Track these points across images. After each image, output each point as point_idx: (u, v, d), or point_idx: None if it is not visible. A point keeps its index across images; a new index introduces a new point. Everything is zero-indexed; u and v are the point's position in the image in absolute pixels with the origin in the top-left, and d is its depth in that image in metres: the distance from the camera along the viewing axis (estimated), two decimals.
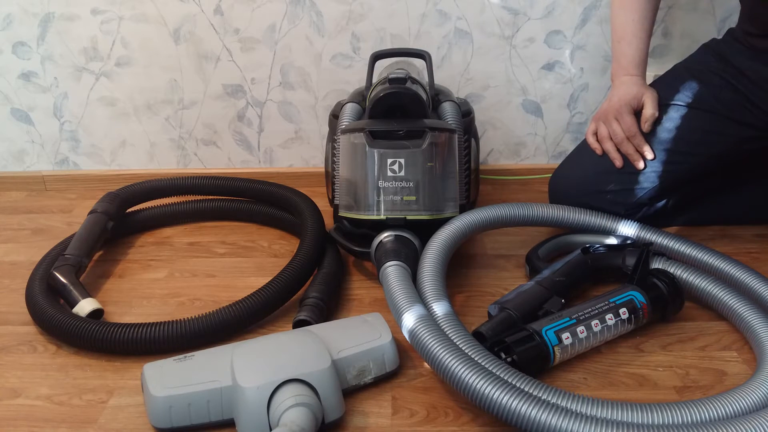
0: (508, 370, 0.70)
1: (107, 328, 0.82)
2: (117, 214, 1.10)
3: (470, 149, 1.06)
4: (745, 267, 0.89)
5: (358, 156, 0.94)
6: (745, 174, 1.11)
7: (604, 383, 0.78)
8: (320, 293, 0.89)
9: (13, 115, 1.34)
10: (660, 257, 0.93)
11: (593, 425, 0.62)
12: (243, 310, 0.85)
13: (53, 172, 1.39)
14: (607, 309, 0.81)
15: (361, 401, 0.75)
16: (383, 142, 0.93)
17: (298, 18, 1.23)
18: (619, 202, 1.01)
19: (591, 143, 1.05)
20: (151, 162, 1.37)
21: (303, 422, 0.64)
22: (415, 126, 0.93)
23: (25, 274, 0.97)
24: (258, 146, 1.35)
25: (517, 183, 1.36)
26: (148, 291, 0.99)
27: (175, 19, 1.24)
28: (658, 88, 1.04)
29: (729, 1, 1.21)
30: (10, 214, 1.28)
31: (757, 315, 0.82)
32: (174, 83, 1.29)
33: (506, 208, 0.97)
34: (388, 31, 1.24)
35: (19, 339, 0.88)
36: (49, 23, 1.25)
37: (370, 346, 0.77)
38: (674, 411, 0.66)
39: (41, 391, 0.78)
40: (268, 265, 1.06)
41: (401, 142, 0.92)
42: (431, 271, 0.84)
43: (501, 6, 1.22)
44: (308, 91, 1.29)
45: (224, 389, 0.70)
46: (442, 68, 1.27)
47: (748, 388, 0.70)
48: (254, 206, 1.18)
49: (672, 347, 0.84)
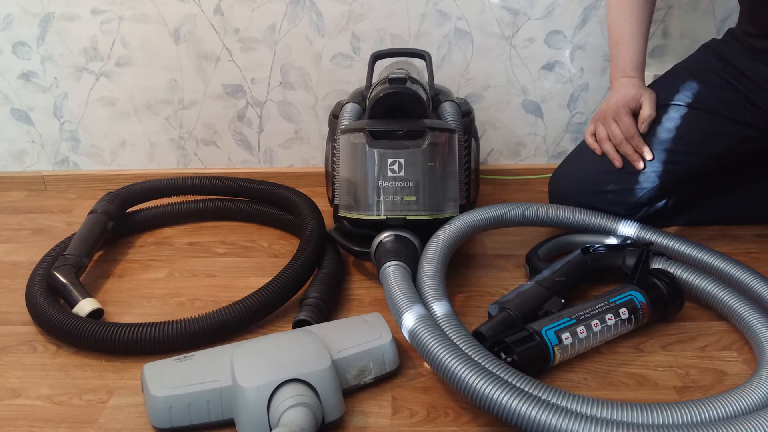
0: (508, 370, 0.70)
1: (107, 328, 0.82)
2: (117, 214, 1.10)
3: (470, 149, 1.06)
4: (745, 267, 0.89)
5: (358, 156, 0.94)
6: (745, 174, 1.11)
7: (604, 383, 0.78)
8: (320, 293, 0.89)
9: (13, 115, 1.34)
10: (660, 257, 0.93)
11: (593, 425, 0.62)
12: (243, 310, 0.85)
13: (53, 172, 1.39)
14: (607, 309, 0.81)
15: (361, 401, 0.75)
16: (383, 142, 0.93)
17: (298, 18, 1.23)
18: (619, 202, 1.01)
19: (590, 144, 1.05)
20: (151, 162, 1.37)
21: (303, 422, 0.64)
22: (415, 126, 0.93)
23: (25, 274, 0.97)
24: (258, 146, 1.35)
25: (517, 183, 1.35)
26: (148, 291, 0.99)
27: (175, 19, 1.24)
28: (657, 89, 1.04)
29: (729, 1, 1.21)
30: (10, 214, 1.28)
31: (757, 315, 0.82)
32: (174, 83, 1.29)
33: (506, 208, 0.97)
34: (388, 31, 1.24)
35: (19, 339, 0.88)
36: (49, 23, 1.25)
37: (370, 346, 0.77)
38: (674, 411, 0.66)
39: (41, 391, 0.78)
40: (268, 265, 1.06)
41: (401, 142, 0.92)
42: (431, 271, 0.84)
43: (501, 6, 1.22)
44: (308, 91, 1.29)
45: (224, 389, 0.70)
46: (442, 68, 1.27)
47: (748, 388, 0.70)
48: (254, 206, 1.18)
49: (672, 347, 0.84)
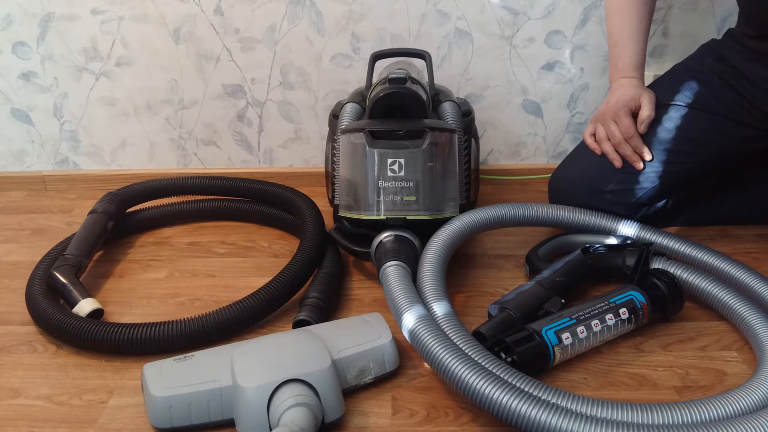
0: (508, 370, 0.70)
1: (107, 328, 0.82)
2: (117, 214, 1.10)
3: (470, 149, 1.06)
4: (745, 267, 0.89)
5: (358, 156, 0.94)
6: (745, 174, 1.11)
7: (604, 383, 0.78)
8: (320, 293, 0.89)
9: (13, 115, 1.34)
10: (660, 257, 0.93)
11: (593, 425, 0.62)
12: (243, 310, 0.85)
13: (53, 172, 1.39)
14: (607, 309, 0.81)
15: (361, 401, 0.75)
16: (383, 142, 0.93)
17: (298, 18, 1.23)
18: (619, 202, 1.01)
19: (589, 144, 1.05)
20: (151, 162, 1.37)
21: (303, 422, 0.64)
22: (415, 126, 0.93)
23: (25, 274, 0.97)
24: (258, 146, 1.35)
25: (517, 183, 1.35)
26: (148, 291, 0.99)
27: (175, 19, 1.24)
28: (657, 89, 1.04)
29: (729, 1, 1.21)
30: (10, 214, 1.28)
31: (757, 315, 0.82)
32: (174, 83, 1.29)
33: (506, 208, 0.97)
34: (388, 31, 1.24)
35: (19, 339, 0.88)
36: (49, 23, 1.25)
37: (370, 346, 0.77)
38: (674, 411, 0.66)
39: (41, 391, 0.78)
40: (268, 265, 1.06)
41: (401, 142, 0.92)
42: (431, 271, 0.84)
43: (501, 6, 1.22)
44: (308, 91, 1.29)
45: (224, 389, 0.70)
46: (442, 68, 1.27)
47: (748, 388, 0.70)
48: (254, 206, 1.18)
49: (672, 347, 0.84)
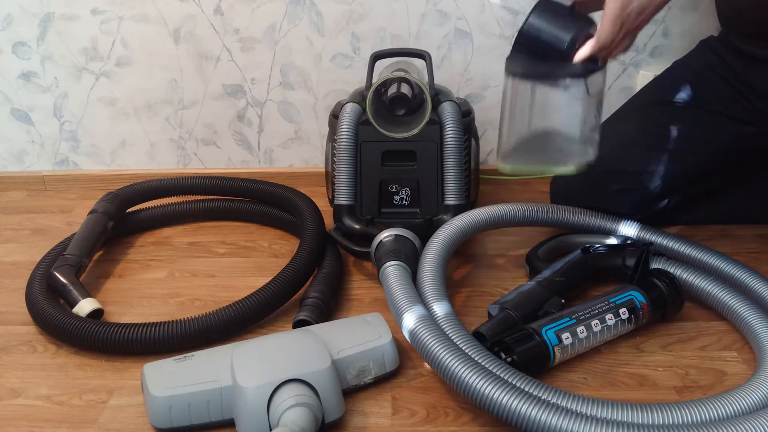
0: (508, 370, 0.70)
1: (107, 328, 0.82)
2: (117, 214, 1.10)
3: (470, 149, 1.06)
4: (745, 267, 0.89)
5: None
6: (746, 174, 1.11)
7: (604, 383, 0.78)
8: (320, 293, 0.88)
9: (13, 115, 1.34)
10: (660, 257, 0.93)
11: (593, 425, 0.62)
12: (243, 310, 0.85)
13: (53, 172, 1.39)
14: (607, 309, 0.81)
15: (361, 401, 0.75)
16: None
17: (298, 18, 1.23)
18: (621, 202, 1.01)
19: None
20: (151, 162, 1.37)
21: (303, 422, 0.64)
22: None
23: (25, 274, 0.97)
24: (258, 146, 1.35)
25: (517, 183, 1.35)
26: (148, 291, 0.99)
27: (175, 19, 1.24)
28: (657, 87, 1.04)
29: None
30: (10, 214, 1.28)
31: (757, 315, 0.82)
32: (174, 83, 1.29)
33: (506, 208, 0.97)
34: (388, 31, 1.24)
35: (19, 339, 0.88)
36: (49, 23, 1.25)
37: (370, 346, 0.77)
38: (674, 411, 0.66)
39: (41, 391, 0.78)
40: (268, 265, 1.06)
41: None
42: (431, 271, 0.84)
43: (501, 6, 1.22)
44: (308, 91, 1.29)
45: (224, 389, 0.70)
46: (442, 68, 1.27)
47: (748, 388, 0.70)
48: (254, 206, 1.18)
49: (672, 347, 0.84)
